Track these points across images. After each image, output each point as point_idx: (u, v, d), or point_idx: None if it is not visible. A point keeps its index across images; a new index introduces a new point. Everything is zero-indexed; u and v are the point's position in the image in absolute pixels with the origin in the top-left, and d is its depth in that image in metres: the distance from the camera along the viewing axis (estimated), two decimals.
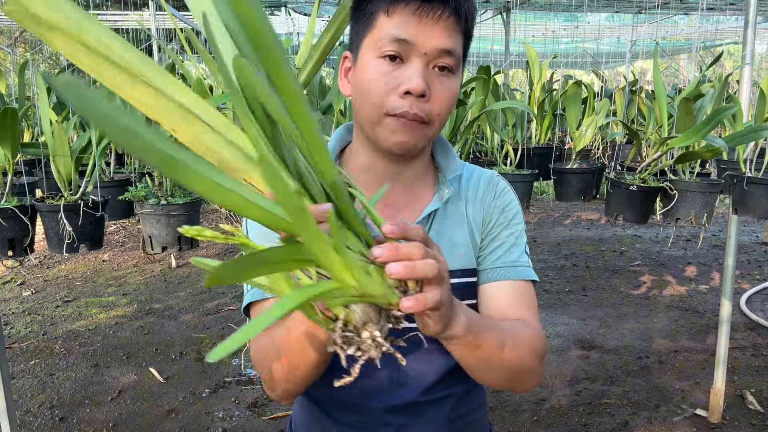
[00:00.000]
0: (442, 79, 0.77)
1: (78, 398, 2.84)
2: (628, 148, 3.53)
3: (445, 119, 0.79)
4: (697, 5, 5.17)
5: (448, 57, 0.76)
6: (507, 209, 0.91)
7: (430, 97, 0.76)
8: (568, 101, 2.96)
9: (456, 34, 0.77)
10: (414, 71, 0.74)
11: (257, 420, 2.65)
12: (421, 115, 0.75)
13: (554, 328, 3.65)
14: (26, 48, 9.67)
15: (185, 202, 2.07)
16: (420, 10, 0.74)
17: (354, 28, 0.81)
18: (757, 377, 3.02)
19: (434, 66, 0.76)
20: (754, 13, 2.29)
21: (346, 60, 0.83)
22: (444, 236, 0.86)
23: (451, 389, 0.89)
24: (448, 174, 0.88)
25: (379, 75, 0.75)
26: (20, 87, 2.51)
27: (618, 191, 2.48)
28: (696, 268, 4.89)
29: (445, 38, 0.75)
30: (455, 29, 0.76)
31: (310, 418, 0.92)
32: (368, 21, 0.78)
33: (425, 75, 0.75)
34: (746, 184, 2.32)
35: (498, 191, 0.91)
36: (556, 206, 7.38)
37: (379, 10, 0.76)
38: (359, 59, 0.79)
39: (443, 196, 0.86)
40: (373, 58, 0.76)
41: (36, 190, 2.58)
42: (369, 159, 0.84)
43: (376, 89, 0.76)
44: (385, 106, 0.75)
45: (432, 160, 0.91)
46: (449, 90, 0.77)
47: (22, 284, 4.51)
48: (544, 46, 7.45)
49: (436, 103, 0.76)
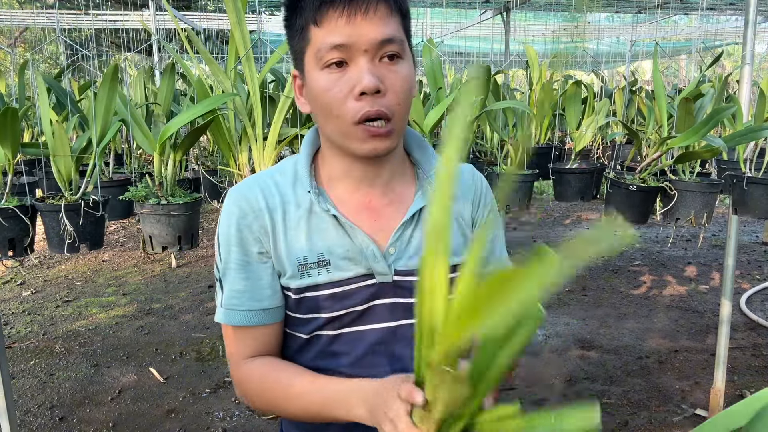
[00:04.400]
0: (391, 68, 0.76)
1: (78, 398, 2.84)
2: (628, 148, 3.53)
3: (407, 106, 0.79)
4: (697, 5, 5.17)
5: (391, 44, 0.75)
6: (492, 207, 0.95)
7: (386, 90, 0.75)
8: (568, 101, 2.96)
9: (391, 18, 0.75)
10: (361, 71, 0.74)
11: (257, 420, 2.65)
12: (385, 111, 0.75)
13: (554, 328, 3.65)
14: (26, 48, 9.66)
15: (185, 201, 2.07)
16: (347, 11, 0.73)
17: (292, 45, 0.81)
18: (757, 377, 3.02)
19: (380, 58, 0.75)
20: (754, 13, 2.29)
21: (296, 78, 0.83)
22: None
23: None
24: (428, 169, 0.88)
25: (330, 85, 0.75)
26: (20, 87, 2.51)
27: (618, 191, 2.48)
28: (696, 268, 4.89)
29: (380, 29, 0.74)
30: (388, 15, 0.75)
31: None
32: (303, 35, 0.77)
33: (373, 70, 0.74)
34: (746, 184, 2.32)
35: (483, 189, 0.94)
36: (556, 206, 7.38)
37: (308, 22, 0.75)
38: (307, 75, 0.78)
39: (428, 192, 0.87)
40: (318, 71, 0.76)
41: (36, 190, 2.58)
42: (344, 165, 0.83)
43: (333, 100, 0.75)
44: (348, 114, 0.75)
45: (407, 156, 0.91)
46: (402, 76, 0.77)
47: (22, 284, 4.51)
48: (544, 46, 7.45)
49: (393, 93, 0.76)
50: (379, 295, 0.84)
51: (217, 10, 8.34)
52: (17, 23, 6.95)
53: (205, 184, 2.66)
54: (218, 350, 3.31)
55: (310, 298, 0.83)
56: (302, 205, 0.83)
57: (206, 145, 3.83)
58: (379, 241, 0.83)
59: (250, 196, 0.84)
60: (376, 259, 0.82)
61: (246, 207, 0.83)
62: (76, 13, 6.33)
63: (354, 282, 0.83)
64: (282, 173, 0.86)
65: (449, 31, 6.78)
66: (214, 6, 8.89)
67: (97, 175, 2.08)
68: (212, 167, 3.08)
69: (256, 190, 0.84)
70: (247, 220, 0.83)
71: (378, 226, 0.84)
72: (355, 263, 0.82)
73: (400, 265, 0.84)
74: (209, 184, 2.69)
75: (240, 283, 0.83)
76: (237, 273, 0.83)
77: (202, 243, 4.37)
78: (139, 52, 7.45)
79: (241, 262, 0.83)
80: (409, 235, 0.85)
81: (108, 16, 6.39)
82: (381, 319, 0.85)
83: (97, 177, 2.08)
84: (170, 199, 2.08)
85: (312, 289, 0.83)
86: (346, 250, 0.82)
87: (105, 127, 2.03)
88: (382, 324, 0.85)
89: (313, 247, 0.82)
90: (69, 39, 7.35)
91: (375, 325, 0.85)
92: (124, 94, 2.21)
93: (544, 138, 3.26)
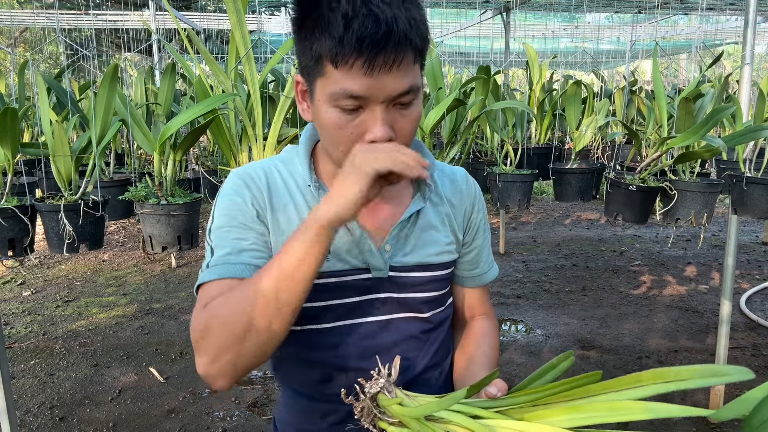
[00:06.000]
0: (404, 112, 0.75)
1: (78, 398, 2.84)
2: (628, 148, 3.53)
3: (412, 139, 0.79)
4: (697, 5, 5.17)
5: (408, 95, 0.73)
6: (484, 212, 0.99)
7: (396, 135, 0.74)
8: (568, 101, 2.96)
9: (411, 67, 0.73)
10: (376, 120, 0.72)
11: (257, 420, 2.65)
12: None
13: (554, 328, 3.65)
14: (26, 48, 9.67)
15: (185, 201, 2.07)
16: (370, 67, 0.69)
17: (302, 58, 0.76)
18: (757, 377, 3.01)
19: (395, 104, 0.74)
20: (754, 13, 2.29)
21: (299, 84, 0.80)
22: (426, 234, 0.89)
23: (438, 367, 0.94)
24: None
25: (341, 123, 0.73)
26: (20, 87, 2.52)
27: (618, 191, 2.48)
28: (696, 268, 4.89)
29: (400, 82, 0.71)
30: (411, 65, 0.72)
31: (296, 412, 0.92)
32: (316, 63, 0.73)
33: (387, 119, 0.73)
34: (746, 184, 2.32)
35: (476, 195, 0.98)
36: (556, 206, 7.38)
37: (326, 57, 0.71)
38: (315, 98, 0.76)
39: (425, 195, 0.89)
40: (330, 106, 0.73)
41: (36, 190, 2.58)
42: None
43: (342, 137, 0.74)
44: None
45: None
46: (412, 118, 0.76)
47: (22, 284, 4.52)
48: (543, 46, 7.45)
49: (402, 137, 0.76)
50: (374, 290, 0.86)
51: (217, 10, 8.35)
52: (17, 23, 6.96)
53: (205, 184, 2.66)
54: None
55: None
56: (305, 195, 0.85)
57: (206, 145, 3.83)
58: (375, 237, 0.86)
59: (254, 175, 0.85)
60: (373, 255, 0.84)
61: (249, 181, 0.84)
62: (76, 13, 6.33)
63: (350, 274, 0.84)
64: (283, 162, 0.88)
65: (449, 31, 6.78)
66: (214, 6, 8.89)
67: (97, 175, 2.08)
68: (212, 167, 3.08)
69: (259, 171, 0.86)
70: (251, 191, 0.83)
71: (374, 223, 0.87)
72: (353, 256, 0.84)
73: (396, 261, 0.86)
74: (209, 184, 2.69)
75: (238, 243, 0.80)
76: (237, 232, 0.80)
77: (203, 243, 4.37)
78: (139, 52, 7.45)
79: (241, 226, 0.81)
80: (405, 234, 0.87)
81: (108, 16, 6.39)
82: (374, 313, 0.87)
83: (96, 177, 2.08)
84: (170, 199, 2.08)
85: None
86: (345, 243, 0.84)
87: (105, 127, 2.03)
88: (375, 317, 0.87)
89: None
90: (69, 39, 7.35)
91: (368, 318, 0.87)
92: (124, 94, 2.21)
93: (544, 138, 3.26)
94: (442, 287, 0.93)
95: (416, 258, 0.88)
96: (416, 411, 0.66)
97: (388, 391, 0.71)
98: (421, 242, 0.88)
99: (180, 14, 5.65)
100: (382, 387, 0.71)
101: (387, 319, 0.88)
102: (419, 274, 0.88)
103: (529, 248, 5.50)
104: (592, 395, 0.58)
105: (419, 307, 0.89)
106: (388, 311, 0.88)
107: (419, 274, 0.88)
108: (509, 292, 4.31)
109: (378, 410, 0.71)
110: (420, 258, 0.88)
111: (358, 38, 0.67)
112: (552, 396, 0.61)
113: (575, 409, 0.58)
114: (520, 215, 6.90)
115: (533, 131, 3.31)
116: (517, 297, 4.20)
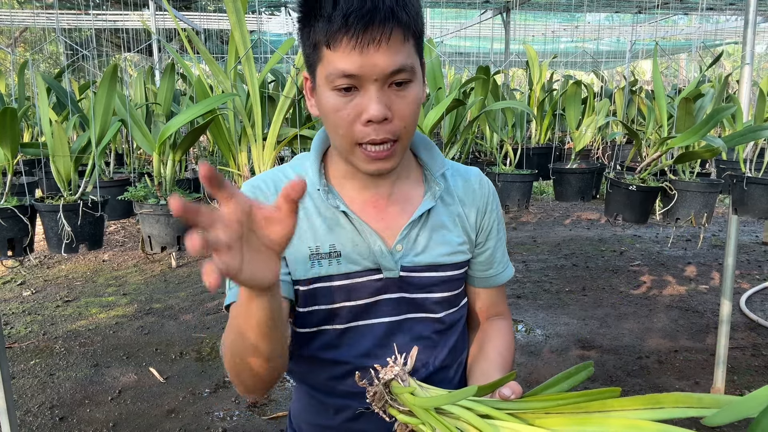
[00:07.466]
0: (400, 93, 0.76)
1: (78, 398, 2.84)
2: (628, 148, 3.53)
3: (413, 126, 0.79)
4: (697, 5, 5.17)
5: (401, 73, 0.74)
6: (498, 212, 0.98)
7: (393, 116, 0.75)
8: (568, 101, 2.96)
9: (404, 46, 0.74)
10: (370, 99, 0.73)
11: (257, 420, 2.65)
12: (390, 137, 0.76)
13: (554, 328, 3.65)
14: (26, 48, 9.67)
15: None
16: (360, 41, 0.71)
17: (305, 51, 0.80)
18: (757, 377, 3.02)
19: (390, 84, 0.75)
20: (754, 13, 2.29)
21: (308, 81, 0.83)
22: (439, 234, 0.89)
23: (451, 367, 0.94)
24: (435, 171, 0.91)
25: (339, 106, 0.75)
26: (20, 87, 2.51)
27: (618, 191, 2.48)
28: (696, 268, 4.89)
29: (392, 59, 0.72)
30: (401, 42, 0.73)
31: (311, 407, 0.93)
32: (315, 50, 0.76)
33: (382, 98, 0.74)
34: (746, 184, 2.32)
35: (490, 195, 0.97)
36: (556, 206, 7.38)
37: (321, 41, 0.74)
38: (317, 87, 0.78)
39: (436, 194, 0.89)
40: (328, 90, 0.76)
41: (35, 190, 2.58)
42: (350, 168, 0.84)
43: (341, 121, 0.76)
44: (354, 136, 0.76)
45: (414, 157, 0.93)
46: (410, 100, 0.77)
47: (22, 284, 4.52)
48: (543, 46, 7.45)
49: (400, 119, 0.76)
50: (386, 290, 0.87)
51: (217, 10, 8.34)
52: (17, 23, 6.95)
53: None
54: (218, 350, 3.30)
55: (321, 290, 0.85)
56: (314, 200, 0.86)
57: (206, 145, 3.83)
58: (386, 238, 0.86)
59: (262, 185, 0.87)
60: (384, 255, 0.85)
61: (258, 192, 0.86)
62: (76, 13, 6.33)
63: (362, 275, 0.85)
64: (293, 168, 0.90)
65: (449, 31, 6.78)
66: (214, 6, 8.89)
67: (97, 175, 2.08)
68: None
69: (268, 181, 0.88)
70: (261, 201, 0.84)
71: (385, 224, 0.87)
72: (364, 257, 0.85)
73: (407, 261, 0.87)
74: None
75: None
76: None
77: None
78: (139, 52, 7.45)
79: None
80: (416, 234, 0.88)
81: (108, 16, 6.39)
82: (387, 314, 0.87)
83: (96, 177, 2.07)
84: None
85: (323, 280, 0.85)
86: (356, 244, 0.85)
87: (104, 127, 2.03)
88: (387, 318, 0.88)
89: (325, 239, 0.84)
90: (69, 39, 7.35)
91: (381, 319, 0.87)
92: (123, 94, 2.20)
93: (544, 138, 3.26)
94: (455, 288, 0.92)
95: (428, 258, 0.88)
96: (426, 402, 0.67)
97: (402, 380, 0.72)
98: (433, 242, 0.88)
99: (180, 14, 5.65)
100: (396, 374, 0.72)
101: (399, 319, 0.88)
102: (431, 275, 0.88)
103: (529, 248, 5.51)
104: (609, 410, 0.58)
105: (432, 308, 0.90)
106: (401, 312, 0.88)
107: (431, 274, 0.88)
108: (509, 292, 4.31)
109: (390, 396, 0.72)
110: (432, 258, 0.88)
111: (344, 14, 0.70)
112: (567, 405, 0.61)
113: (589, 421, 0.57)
114: (519, 215, 6.89)
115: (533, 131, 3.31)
116: (517, 297, 4.21)
